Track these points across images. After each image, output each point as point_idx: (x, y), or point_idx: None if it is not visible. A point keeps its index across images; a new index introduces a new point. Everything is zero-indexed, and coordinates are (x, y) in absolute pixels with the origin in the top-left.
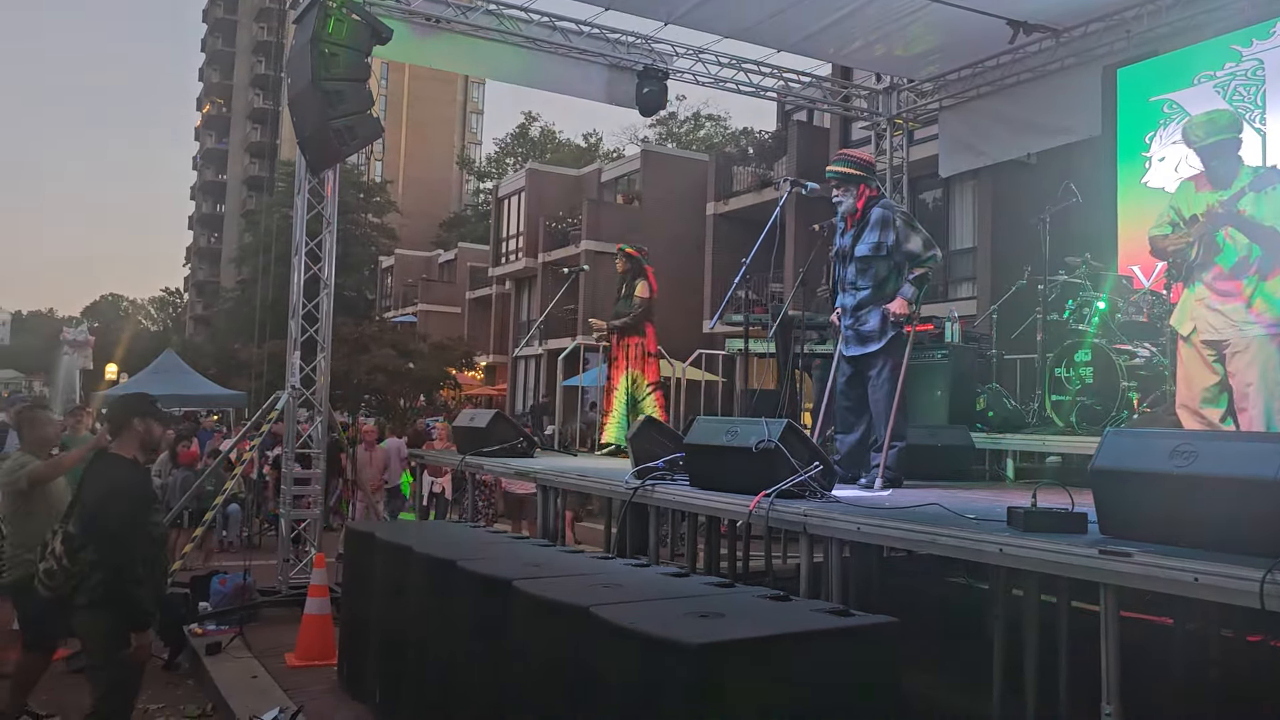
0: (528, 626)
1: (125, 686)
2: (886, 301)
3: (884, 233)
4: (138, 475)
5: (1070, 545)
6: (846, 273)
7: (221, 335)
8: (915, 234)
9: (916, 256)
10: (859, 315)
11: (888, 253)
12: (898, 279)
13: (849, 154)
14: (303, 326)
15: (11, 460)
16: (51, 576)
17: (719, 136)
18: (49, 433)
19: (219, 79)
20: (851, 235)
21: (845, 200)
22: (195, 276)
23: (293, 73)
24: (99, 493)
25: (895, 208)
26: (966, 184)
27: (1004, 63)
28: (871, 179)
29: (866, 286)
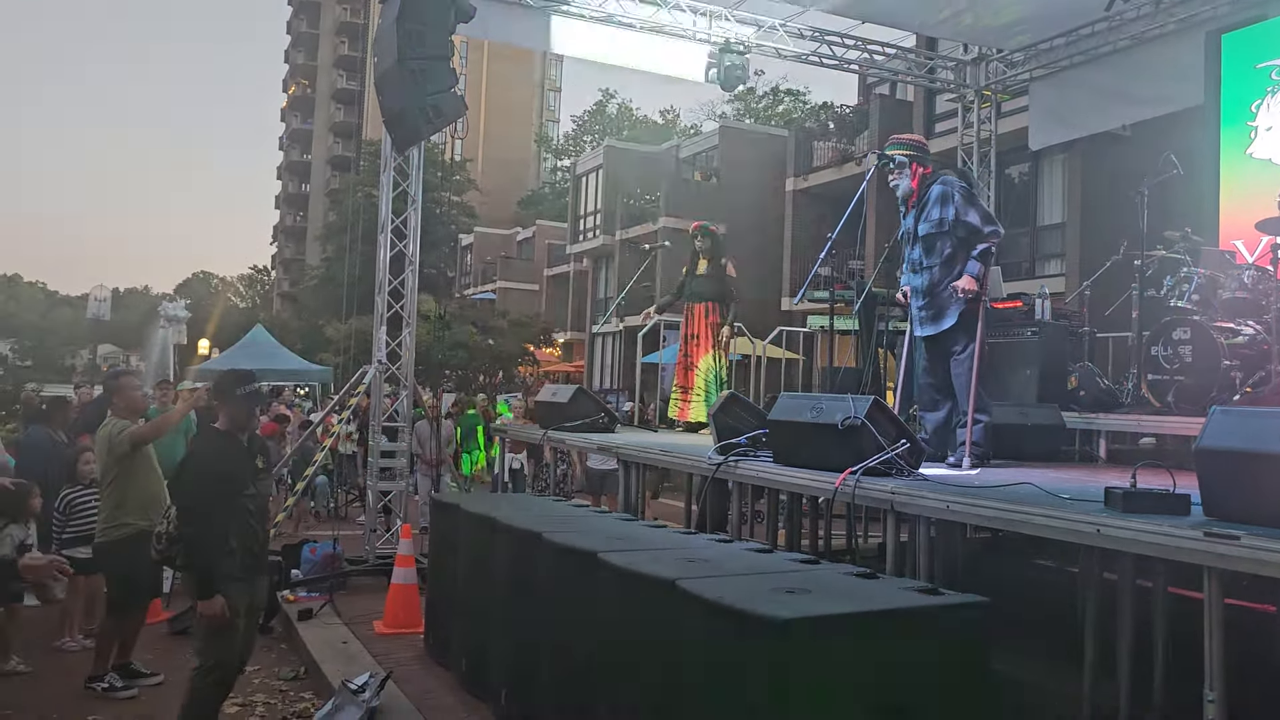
0: (613, 599)
1: (224, 646)
2: (955, 279)
3: (944, 208)
4: (223, 450)
5: (1173, 527)
6: (913, 254)
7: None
8: (973, 207)
9: (977, 230)
10: (931, 295)
11: (949, 228)
12: (964, 254)
13: (897, 138)
14: (388, 302)
15: (109, 426)
16: (159, 539)
17: (798, 112)
18: (136, 398)
19: (304, 60)
20: (913, 215)
21: (901, 183)
22: (282, 254)
23: (379, 52)
24: (182, 464)
25: (953, 182)
26: (1056, 157)
27: (1099, 30)
28: (923, 158)
29: (934, 264)
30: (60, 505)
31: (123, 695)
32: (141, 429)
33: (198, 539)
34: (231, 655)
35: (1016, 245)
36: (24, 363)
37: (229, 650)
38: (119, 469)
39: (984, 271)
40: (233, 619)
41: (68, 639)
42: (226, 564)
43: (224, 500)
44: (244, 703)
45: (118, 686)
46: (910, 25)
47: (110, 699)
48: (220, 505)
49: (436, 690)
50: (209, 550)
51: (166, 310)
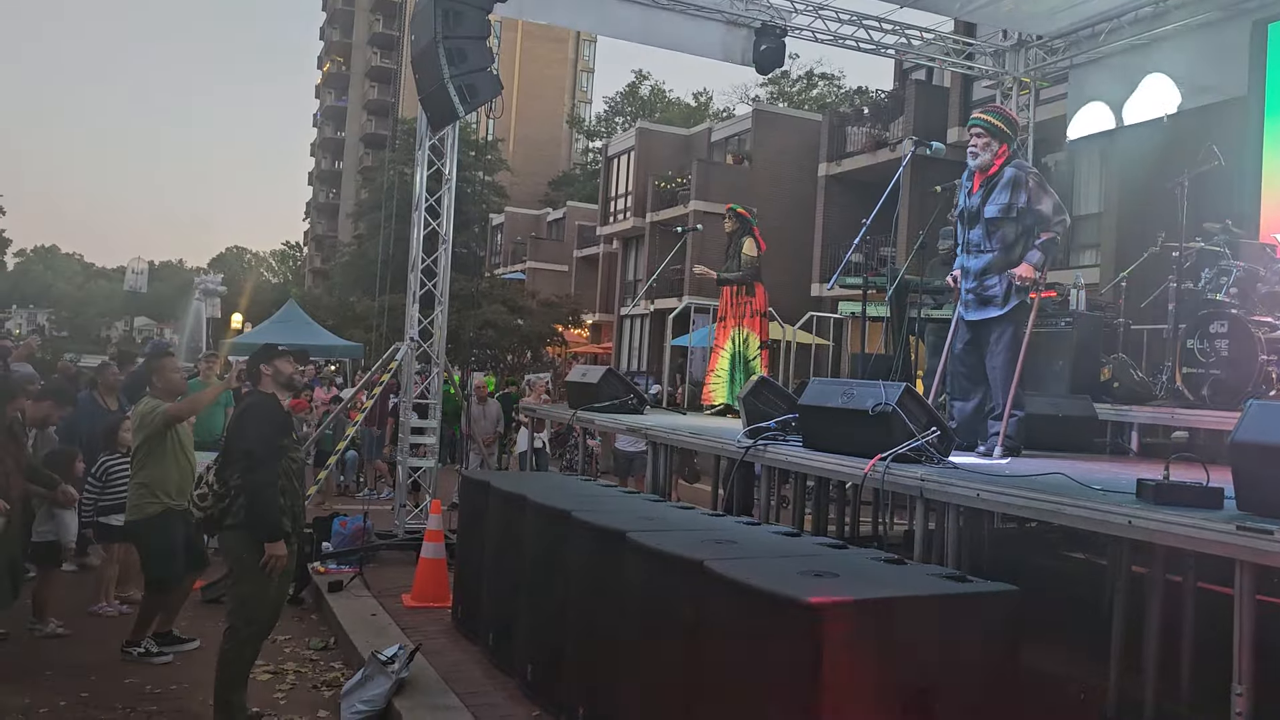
0: (641, 578)
1: (259, 606)
2: (1013, 266)
3: (1015, 194)
4: (275, 404)
5: (1206, 520)
6: (972, 234)
7: (338, 288)
8: (1047, 196)
9: (1046, 220)
10: (983, 279)
11: (1017, 215)
12: (1026, 242)
13: (1002, 109)
14: (421, 280)
15: (144, 404)
16: (203, 499)
17: (832, 96)
18: (175, 380)
19: (339, 37)
20: (980, 195)
21: (983, 155)
22: (314, 231)
23: (417, 30)
24: (238, 418)
25: (1028, 168)
26: (1094, 146)
27: (1144, 17)
28: (1015, 141)
29: (993, 250)
30: (97, 472)
31: (157, 661)
32: (177, 407)
33: (261, 484)
34: (266, 615)
35: None
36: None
37: (264, 610)
38: (149, 446)
39: (1044, 261)
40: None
41: (104, 604)
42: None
43: (282, 454)
44: (275, 671)
45: (153, 652)
46: (950, 10)
47: (145, 664)
48: (280, 457)
49: (463, 663)
50: (273, 495)
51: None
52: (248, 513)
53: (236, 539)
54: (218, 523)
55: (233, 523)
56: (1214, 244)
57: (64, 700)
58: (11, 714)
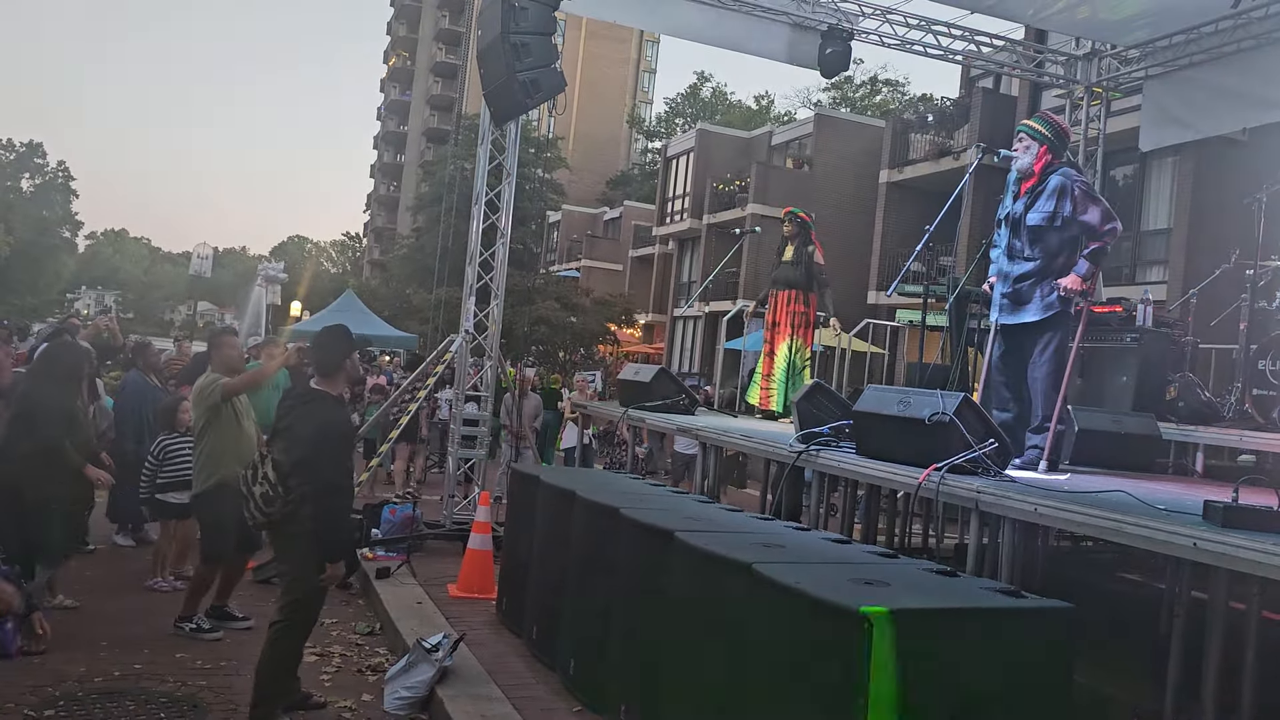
0: (688, 578)
1: (312, 601)
2: (1056, 275)
3: (1060, 202)
4: (344, 415)
5: (1276, 545)
6: (1015, 241)
7: (396, 280)
8: (1095, 205)
9: (1094, 230)
10: (1020, 286)
11: (1062, 224)
12: (1071, 252)
13: (1048, 115)
14: (479, 274)
15: (204, 378)
16: (269, 502)
17: (896, 103)
18: (234, 355)
19: (405, 32)
20: (1025, 201)
21: (1023, 158)
22: (374, 223)
23: (483, 25)
24: (312, 433)
25: (1074, 176)
26: (1165, 160)
27: (1223, 29)
28: (1060, 148)
29: (1036, 258)
30: (156, 451)
31: (208, 637)
32: (233, 381)
33: (335, 509)
34: (313, 614)
35: (1118, 250)
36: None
37: (316, 610)
38: (208, 419)
39: (1092, 271)
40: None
41: (159, 579)
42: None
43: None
44: (321, 653)
45: (205, 628)
46: (1022, 17)
47: (196, 639)
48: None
49: (506, 655)
50: (348, 520)
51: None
52: (319, 532)
53: (299, 546)
54: (278, 527)
55: (296, 530)
56: None
57: (118, 671)
58: (69, 681)
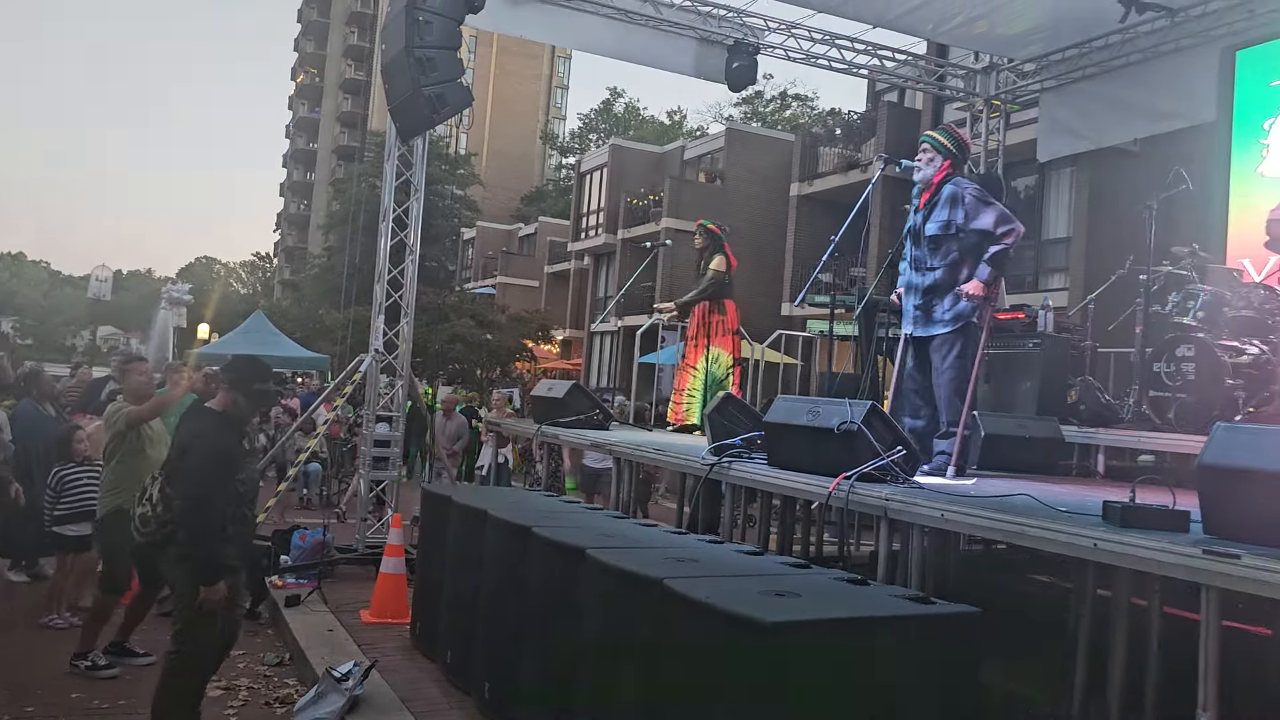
0: (600, 596)
1: (202, 628)
2: (959, 283)
3: (954, 211)
4: (225, 430)
5: (1172, 543)
6: (918, 252)
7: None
8: (988, 209)
9: (991, 234)
10: (929, 297)
11: (957, 231)
12: (973, 260)
13: (951, 128)
14: (387, 292)
15: (112, 405)
16: (145, 522)
17: (805, 116)
18: (142, 382)
19: (313, 49)
20: (923, 213)
21: (926, 169)
22: (285, 242)
23: (387, 39)
24: (183, 447)
25: (964, 184)
26: (1063, 170)
27: (1113, 43)
28: (961, 161)
29: (938, 266)
30: (52, 482)
31: (104, 675)
32: (139, 409)
33: (202, 526)
34: (211, 642)
35: (1020, 258)
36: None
37: (209, 637)
38: (115, 447)
39: (994, 276)
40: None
41: (55, 616)
42: (227, 553)
43: (225, 485)
44: (227, 687)
45: (100, 665)
46: (922, 31)
47: (93, 678)
48: (222, 491)
49: (420, 681)
50: (214, 536)
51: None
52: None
53: (179, 570)
54: (160, 548)
55: (175, 553)
56: (1182, 268)
57: (8, 716)
58: None
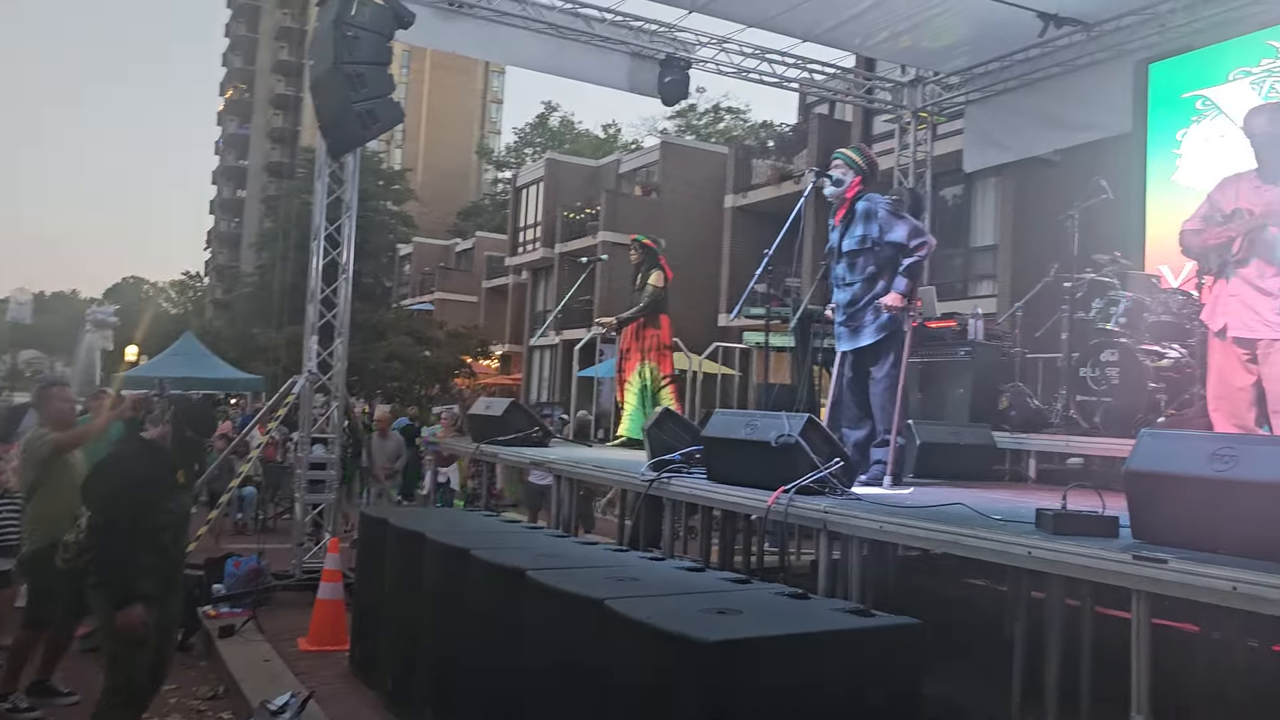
0: (541, 618)
1: (128, 660)
2: (879, 296)
3: (868, 225)
4: (148, 457)
5: (1103, 550)
6: (838, 269)
7: (240, 320)
8: (900, 222)
9: (904, 247)
10: (852, 311)
11: (873, 245)
12: (890, 272)
13: (862, 147)
14: (320, 311)
15: (32, 432)
16: (68, 549)
17: (739, 129)
18: (64, 408)
19: (242, 64)
20: (839, 230)
21: (836, 188)
22: (215, 261)
23: (315, 56)
24: (99, 471)
25: (877, 199)
26: (989, 180)
27: (1033, 56)
28: (871, 179)
29: (857, 281)
30: None
31: (27, 717)
32: (63, 436)
33: (114, 549)
34: (143, 674)
35: (950, 266)
36: None
37: (141, 669)
38: (37, 476)
39: (911, 287)
40: (146, 635)
41: None
42: (143, 582)
43: (142, 511)
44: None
45: (21, 707)
46: (850, 45)
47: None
48: (138, 516)
49: (360, 709)
50: (125, 561)
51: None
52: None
53: (98, 598)
54: (81, 577)
55: (94, 581)
56: (1104, 275)
57: None
58: None
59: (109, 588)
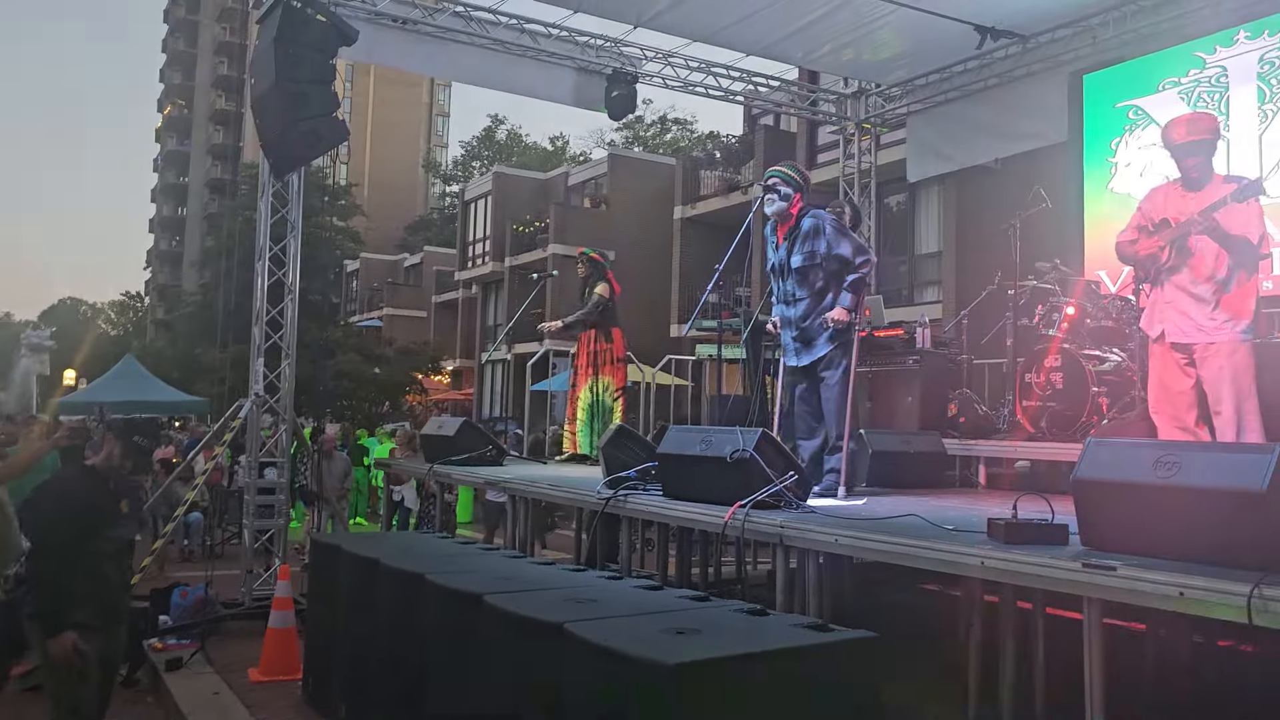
0: (499, 643)
1: (79, 700)
2: (827, 310)
3: (816, 241)
4: (89, 485)
5: (1053, 558)
6: (786, 285)
7: (184, 340)
8: (845, 239)
9: (849, 262)
10: (803, 326)
11: (821, 260)
12: (836, 287)
13: (794, 163)
14: (266, 333)
15: None
16: (6, 580)
17: (686, 140)
18: None
19: (181, 80)
20: (785, 248)
21: (778, 203)
22: (156, 280)
23: (257, 74)
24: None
25: (823, 216)
26: (932, 189)
27: (971, 68)
28: (807, 193)
29: (805, 296)
30: None
31: None
32: (2, 467)
33: (47, 576)
34: (91, 711)
35: (896, 273)
36: None
37: (89, 705)
38: None
39: (856, 302)
40: (86, 666)
41: None
42: (80, 611)
43: (79, 540)
44: None
45: None
46: (793, 59)
47: None
48: (75, 542)
49: None
50: (58, 587)
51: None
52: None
53: (35, 630)
54: (17, 610)
55: (29, 611)
56: (1045, 282)
57: None
58: None
59: (43, 617)
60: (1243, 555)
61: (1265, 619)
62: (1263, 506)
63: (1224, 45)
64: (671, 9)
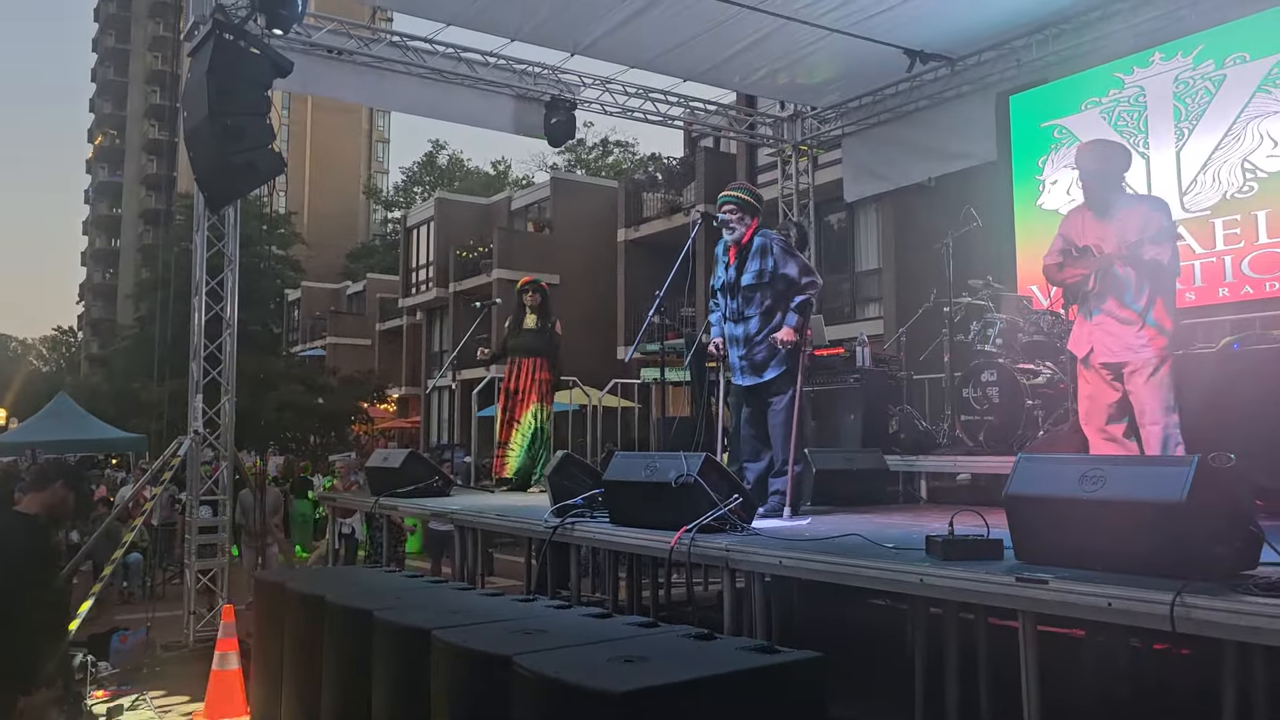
0: (450, 678)
1: None
2: (775, 330)
3: (764, 260)
4: (34, 534)
5: (988, 574)
6: (733, 304)
7: (119, 375)
8: (792, 259)
9: (794, 282)
10: (751, 345)
11: (770, 280)
12: (784, 306)
13: (747, 184)
14: (205, 369)
15: None
16: None
17: (628, 163)
18: None
19: (111, 109)
20: (735, 267)
21: (738, 228)
22: (90, 314)
23: (189, 107)
24: None
25: (771, 235)
26: (870, 207)
27: (902, 90)
28: (762, 214)
29: (754, 315)
30: None
31: None
32: None
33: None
34: None
35: (837, 290)
36: None
37: None
38: None
39: (802, 323)
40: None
41: None
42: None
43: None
44: None
45: None
46: (730, 83)
47: None
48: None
49: None
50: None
51: None
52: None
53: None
54: None
55: None
56: (979, 298)
57: None
58: None
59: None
60: (1167, 564)
61: (1188, 626)
62: (1183, 516)
63: (1141, 66)
64: (607, 36)
